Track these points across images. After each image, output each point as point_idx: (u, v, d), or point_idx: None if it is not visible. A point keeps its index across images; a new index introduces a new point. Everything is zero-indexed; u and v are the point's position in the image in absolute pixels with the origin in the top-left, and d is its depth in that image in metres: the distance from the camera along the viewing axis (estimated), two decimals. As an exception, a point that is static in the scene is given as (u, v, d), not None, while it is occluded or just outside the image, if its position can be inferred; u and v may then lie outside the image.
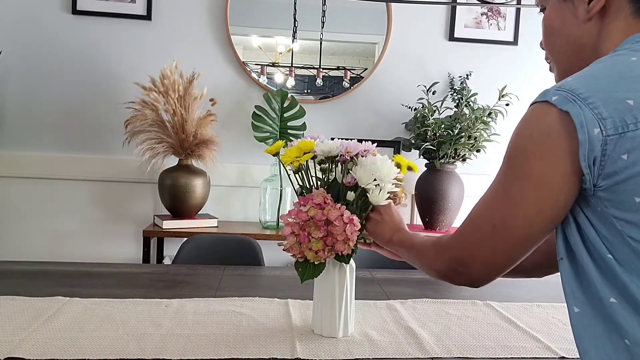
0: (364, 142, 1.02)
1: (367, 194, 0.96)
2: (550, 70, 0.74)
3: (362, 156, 0.98)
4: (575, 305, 0.59)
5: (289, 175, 1.04)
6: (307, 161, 1.01)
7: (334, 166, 1.01)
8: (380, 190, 0.95)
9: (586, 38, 0.65)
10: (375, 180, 0.95)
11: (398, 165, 1.06)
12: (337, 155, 1.00)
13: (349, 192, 0.96)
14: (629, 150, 0.52)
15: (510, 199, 0.60)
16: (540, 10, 0.73)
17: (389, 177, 0.96)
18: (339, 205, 0.94)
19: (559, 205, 0.58)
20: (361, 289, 1.17)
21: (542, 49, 0.74)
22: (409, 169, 1.10)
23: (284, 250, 0.96)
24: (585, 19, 0.64)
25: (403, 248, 0.88)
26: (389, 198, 0.98)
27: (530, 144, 0.58)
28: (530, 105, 0.60)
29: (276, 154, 1.08)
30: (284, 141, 1.09)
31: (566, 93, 0.56)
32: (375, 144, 1.04)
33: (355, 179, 0.96)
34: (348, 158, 0.98)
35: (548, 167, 0.57)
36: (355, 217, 0.93)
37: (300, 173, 1.02)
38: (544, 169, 0.57)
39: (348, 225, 0.91)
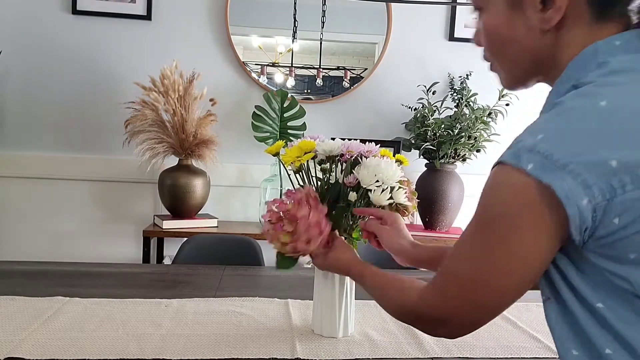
0: (367, 142, 1.02)
1: (369, 195, 0.96)
2: (492, 69, 0.68)
3: (365, 157, 0.98)
4: (572, 349, 0.55)
5: (289, 175, 1.05)
6: (307, 161, 1.01)
7: (334, 166, 1.01)
8: (383, 191, 0.95)
9: (543, 49, 0.59)
10: (377, 181, 0.95)
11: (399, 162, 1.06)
12: (338, 156, 1.00)
13: (351, 192, 0.96)
14: (619, 214, 0.48)
15: (492, 261, 0.55)
16: (475, 9, 0.66)
17: (393, 178, 0.96)
18: (322, 207, 0.91)
19: (544, 264, 0.55)
20: (361, 289, 1.17)
21: (478, 45, 0.67)
22: (399, 162, 1.10)
23: (262, 232, 0.96)
24: (541, 30, 0.58)
25: (366, 279, 0.82)
26: (397, 209, 0.98)
27: (509, 213, 0.53)
28: (499, 164, 0.54)
29: (276, 154, 1.08)
30: (284, 141, 1.09)
31: (542, 159, 0.49)
32: (379, 145, 1.04)
33: (357, 179, 0.96)
34: (349, 157, 0.98)
35: (531, 237, 0.52)
36: (324, 222, 0.89)
37: (300, 173, 1.02)
38: (527, 239, 0.52)
39: (311, 227, 0.87)
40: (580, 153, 0.48)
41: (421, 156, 2.13)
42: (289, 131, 2.17)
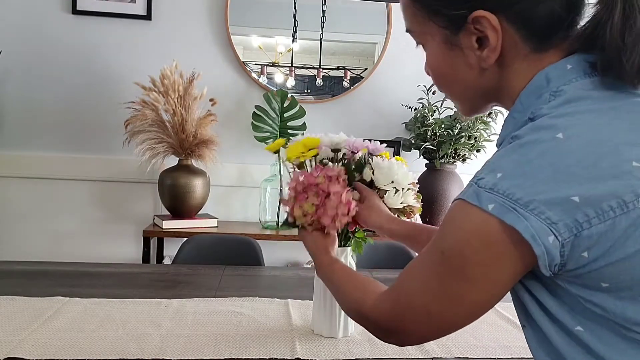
0: (372, 141, 1.03)
1: (384, 196, 0.97)
2: (447, 98, 0.68)
3: (374, 156, 0.99)
4: None
5: (289, 174, 1.05)
6: (309, 160, 1.01)
7: (338, 164, 1.00)
8: (396, 192, 0.96)
9: (488, 84, 0.59)
10: (392, 182, 0.96)
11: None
12: (340, 151, 1.01)
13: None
14: (588, 248, 0.47)
15: (448, 295, 0.53)
16: (418, 44, 0.65)
17: (406, 181, 0.97)
18: (349, 188, 0.92)
19: (503, 294, 0.53)
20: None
21: (427, 74, 0.66)
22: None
23: (281, 201, 0.96)
24: (481, 69, 0.57)
25: (323, 277, 0.83)
26: (404, 211, 0.99)
27: (468, 252, 0.51)
28: (458, 200, 0.53)
29: (277, 152, 1.08)
30: (285, 139, 1.08)
31: (503, 199, 0.48)
32: (385, 145, 1.05)
33: (363, 178, 0.97)
34: (351, 153, 0.98)
35: (493, 273, 0.51)
36: (353, 204, 0.90)
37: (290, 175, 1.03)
38: (488, 275, 0.51)
39: (342, 204, 0.88)
40: (541, 191, 0.47)
41: (421, 156, 2.13)
42: (289, 131, 2.17)
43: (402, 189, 0.97)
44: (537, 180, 0.48)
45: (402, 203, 0.97)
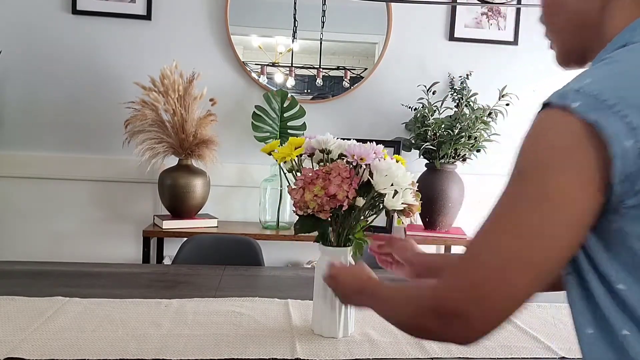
0: (368, 142, 1.02)
1: (383, 199, 0.96)
2: (551, 47, 0.68)
3: (378, 159, 0.99)
4: (587, 327, 0.52)
5: (286, 175, 1.05)
6: (299, 160, 1.02)
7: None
8: (395, 194, 0.96)
9: (588, 15, 0.60)
10: (392, 185, 0.95)
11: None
12: (330, 152, 1.01)
13: (358, 197, 0.97)
14: None
15: (529, 225, 0.49)
16: None
17: (405, 182, 0.97)
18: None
19: (584, 228, 0.50)
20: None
21: (542, 23, 0.68)
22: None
23: (289, 193, 0.99)
24: None
25: (372, 300, 0.75)
26: (404, 210, 0.99)
27: (550, 157, 0.48)
28: (543, 108, 0.52)
29: (271, 153, 1.08)
30: (279, 140, 1.09)
31: (589, 98, 0.48)
32: (383, 146, 1.04)
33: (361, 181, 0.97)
34: (356, 160, 0.98)
35: (573, 184, 0.48)
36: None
37: (293, 173, 1.03)
38: (569, 186, 0.48)
39: (345, 178, 0.95)
40: (629, 96, 0.47)
41: (421, 156, 2.13)
42: (289, 131, 2.17)
43: (402, 189, 0.97)
44: (627, 85, 0.48)
45: (402, 204, 0.97)
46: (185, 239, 1.83)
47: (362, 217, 1.01)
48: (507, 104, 2.12)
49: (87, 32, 2.18)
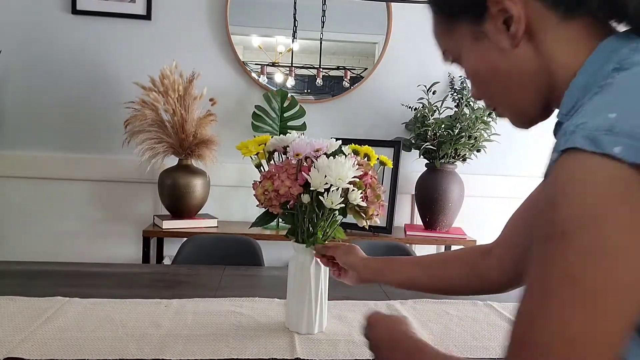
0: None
1: (320, 198, 0.94)
2: (499, 115, 0.63)
3: (315, 158, 0.96)
4: None
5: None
6: (270, 156, 1.04)
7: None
8: (329, 192, 0.93)
9: (526, 64, 0.55)
10: (326, 183, 0.92)
11: (367, 157, 1.06)
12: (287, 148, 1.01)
13: (303, 195, 0.95)
14: None
15: (594, 292, 0.40)
16: (453, 61, 0.63)
17: (344, 179, 0.92)
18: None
19: None
20: (361, 289, 1.17)
21: (476, 99, 0.63)
22: (382, 163, 1.09)
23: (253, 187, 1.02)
24: (512, 46, 0.55)
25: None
26: (357, 212, 0.98)
27: (603, 209, 0.40)
28: (567, 152, 0.43)
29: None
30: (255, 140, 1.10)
31: (632, 140, 0.40)
32: (340, 142, 1.02)
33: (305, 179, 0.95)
34: (299, 157, 0.96)
35: (636, 235, 0.40)
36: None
37: (261, 168, 1.04)
38: (632, 238, 0.40)
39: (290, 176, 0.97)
40: None
41: (421, 156, 2.13)
42: (289, 131, 2.16)
43: (337, 188, 0.92)
44: None
45: (339, 203, 0.93)
46: (185, 239, 1.83)
47: (332, 215, 1.00)
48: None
49: (87, 32, 2.18)
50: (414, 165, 2.22)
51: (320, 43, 2.28)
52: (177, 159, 2.07)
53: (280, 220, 1.07)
